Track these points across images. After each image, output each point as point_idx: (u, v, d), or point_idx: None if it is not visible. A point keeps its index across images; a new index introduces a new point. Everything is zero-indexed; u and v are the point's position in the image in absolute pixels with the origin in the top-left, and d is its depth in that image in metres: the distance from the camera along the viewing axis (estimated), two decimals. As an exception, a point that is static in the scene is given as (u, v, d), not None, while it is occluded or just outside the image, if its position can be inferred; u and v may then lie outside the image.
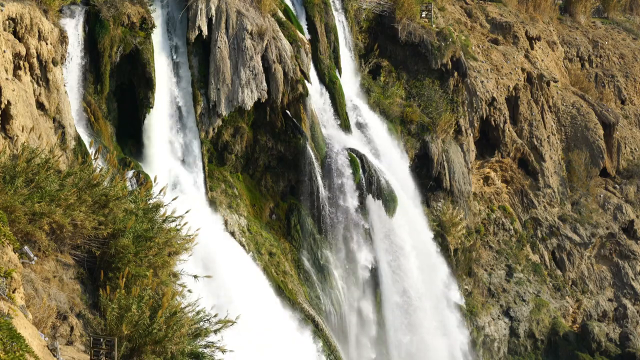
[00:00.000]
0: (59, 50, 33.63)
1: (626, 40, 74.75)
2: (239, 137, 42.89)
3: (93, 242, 21.79)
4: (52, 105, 32.62)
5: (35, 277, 19.98)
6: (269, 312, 38.47)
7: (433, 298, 49.12)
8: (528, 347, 55.90)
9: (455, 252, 52.97)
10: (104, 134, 37.23)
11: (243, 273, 38.96)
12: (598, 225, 61.42)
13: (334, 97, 47.33)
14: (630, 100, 70.74)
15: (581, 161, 62.51)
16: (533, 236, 59.77)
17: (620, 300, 60.85)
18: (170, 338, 19.45)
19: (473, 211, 56.00)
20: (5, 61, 29.42)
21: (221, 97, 41.10)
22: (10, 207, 19.63)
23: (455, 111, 54.05)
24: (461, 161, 53.84)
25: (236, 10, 41.82)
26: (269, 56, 42.17)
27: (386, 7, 53.76)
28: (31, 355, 14.67)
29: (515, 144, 59.01)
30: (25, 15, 31.08)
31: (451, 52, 53.68)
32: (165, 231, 22.60)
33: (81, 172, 22.31)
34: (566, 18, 72.85)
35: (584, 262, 60.72)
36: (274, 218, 44.30)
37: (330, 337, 42.06)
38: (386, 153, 49.08)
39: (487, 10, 64.84)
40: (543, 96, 62.00)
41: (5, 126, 28.60)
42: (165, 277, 22.29)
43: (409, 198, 48.67)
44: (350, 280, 45.50)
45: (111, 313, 19.41)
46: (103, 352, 18.32)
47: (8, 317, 15.25)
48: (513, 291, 56.41)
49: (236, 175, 43.32)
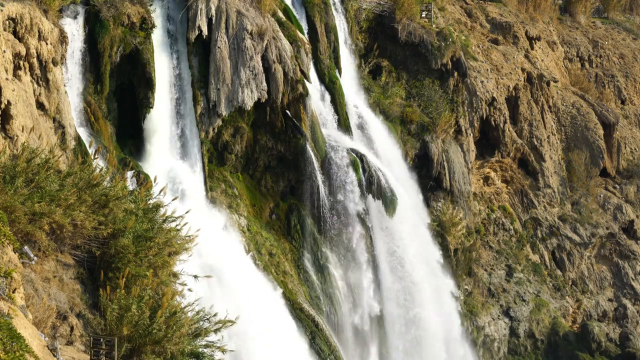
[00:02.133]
0: (59, 50, 33.63)
1: (626, 40, 74.75)
2: (239, 137, 42.89)
3: (93, 242, 21.79)
4: (52, 105, 32.62)
5: (35, 277, 19.98)
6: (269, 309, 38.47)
7: (433, 298, 49.11)
8: (528, 347, 55.90)
9: (455, 252, 52.97)
10: (104, 134, 37.23)
11: (243, 273, 38.96)
12: (598, 225, 61.42)
13: (334, 97, 47.33)
14: (630, 100, 70.74)
15: (581, 161, 62.51)
16: (533, 236, 59.77)
17: (620, 300, 60.85)
18: (170, 338, 19.45)
19: (473, 211, 56.00)
20: (5, 61, 29.42)
21: (221, 97, 41.09)
22: (10, 207, 19.63)
23: (455, 111, 54.05)
24: (461, 161, 53.84)
25: (236, 10, 41.82)
26: (269, 56, 42.17)
27: (386, 7, 53.75)
28: (31, 355, 14.67)
29: (515, 144, 59.01)
30: (25, 15, 31.08)
31: (451, 52, 53.68)
32: (165, 231, 22.59)
33: (81, 172, 22.31)
34: (566, 18, 72.85)
35: (584, 262, 60.72)
36: (274, 218, 44.31)
37: (330, 337, 42.06)
38: (386, 153, 49.09)
39: (487, 10, 64.83)
40: (543, 96, 62.00)
41: (5, 126, 28.61)
42: (165, 277, 22.29)
43: (409, 198, 48.65)
44: (351, 280, 45.49)
45: (111, 313, 19.41)
46: (103, 352, 18.32)
47: (8, 317, 15.25)
48: (513, 291, 56.41)
49: (236, 175, 43.32)
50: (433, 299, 48.94)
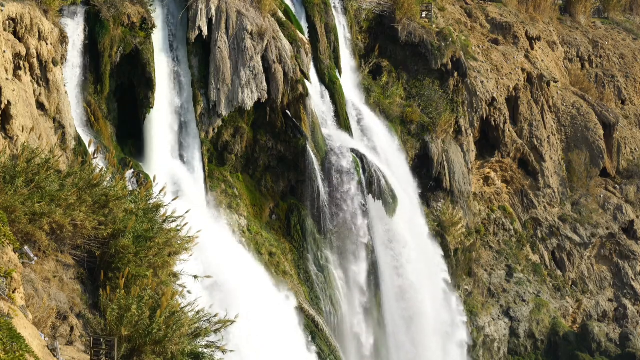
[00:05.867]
0: (59, 51, 33.62)
1: (626, 40, 74.76)
2: (239, 137, 42.90)
3: (93, 242, 21.76)
4: (52, 105, 32.62)
5: (35, 277, 19.97)
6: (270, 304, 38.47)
7: (433, 297, 49.13)
8: (528, 347, 55.90)
9: (455, 252, 52.99)
10: (104, 134, 37.24)
11: (243, 273, 38.94)
12: (598, 226, 61.42)
13: (334, 97, 47.34)
14: (630, 100, 70.74)
15: (581, 161, 62.51)
16: (533, 236, 59.77)
17: (620, 301, 60.85)
18: (170, 338, 19.43)
19: (473, 211, 56.01)
20: (5, 61, 29.42)
21: (221, 97, 41.10)
22: (11, 207, 19.61)
23: (455, 111, 54.06)
24: (461, 161, 53.85)
25: (236, 10, 41.82)
26: (269, 56, 42.17)
27: (386, 7, 53.77)
28: (31, 355, 14.66)
29: (515, 144, 59.01)
30: (25, 15, 31.08)
31: (451, 52, 53.69)
32: (165, 231, 22.56)
33: (81, 172, 22.28)
34: (566, 18, 72.86)
35: (584, 263, 60.72)
36: (274, 218, 44.31)
37: (330, 337, 42.06)
38: (386, 153, 49.11)
39: (487, 11, 64.85)
40: (543, 96, 62.00)
41: (5, 126, 28.61)
42: (165, 277, 22.27)
43: (409, 198, 48.67)
44: (351, 280, 45.50)
45: (111, 313, 19.39)
46: (103, 352, 18.31)
47: (8, 317, 15.24)
48: (513, 291, 56.41)
49: (236, 175, 43.32)
50: (432, 297, 49.00)
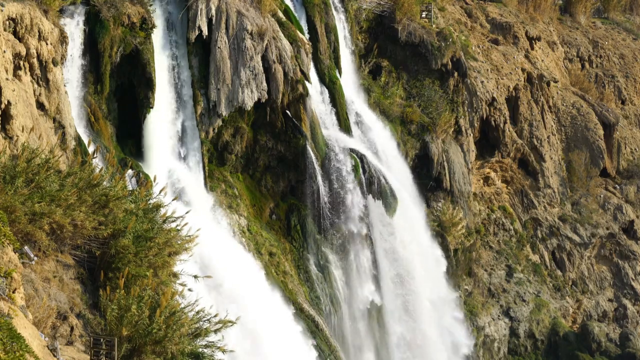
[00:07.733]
0: (59, 51, 33.61)
1: (626, 40, 74.76)
2: (239, 137, 42.89)
3: (93, 242, 21.76)
4: (52, 105, 32.61)
5: (35, 277, 19.97)
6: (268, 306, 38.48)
7: (433, 297, 49.14)
8: (528, 347, 55.90)
9: (455, 252, 52.99)
10: (104, 134, 37.23)
11: (243, 273, 38.95)
12: (598, 226, 61.42)
13: (334, 97, 47.34)
14: (630, 100, 70.74)
15: (581, 161, 62.51)
16: (533, 236, 59.77)
17: (620, 301, 60.84)
18: (170, 338, 19.43)
19: (473, 211, 56.00)
20: (5, 61, 29.42)
21: (221, 97, 41.10)
22: (11, 207, 19.61)
23: (455, 111, 54.06)
24: (461, 161, 53.85)
25: (236, 10, 41.82)
26: (269, 56, 42.17)
27: (386, 7, 53.76)
28: (31, 355, 14.66)
29: (515, 144, 59.00)
30: (25, 15, 31.07)
31: (451, 52, 53.69)
32: (165, 231, 22.56)
33: (81, 172, 22.28)
34: (566, 18, 72.86)
35: (584, 263, 60.72)
36: (274, 218, 44.31)
37: (330, 337, 42.06)
38: (386, 153, 49.11)
39: (487, 11, 64.84)
40: (543, 96, 62.00)
41: (5, 126, 28.60)
42: (165, 277, 22.27)
43: (409, 198, 48.68)
44: (351, 280, 45.50)
45: (111, 313, 19.39)
46: (103, 352, 18.31)
47: (8, 317, 15.24)
48: (513, 291, 56.41)
49: (236, 175, 43.32)
50: (431, 296, 49.02)
